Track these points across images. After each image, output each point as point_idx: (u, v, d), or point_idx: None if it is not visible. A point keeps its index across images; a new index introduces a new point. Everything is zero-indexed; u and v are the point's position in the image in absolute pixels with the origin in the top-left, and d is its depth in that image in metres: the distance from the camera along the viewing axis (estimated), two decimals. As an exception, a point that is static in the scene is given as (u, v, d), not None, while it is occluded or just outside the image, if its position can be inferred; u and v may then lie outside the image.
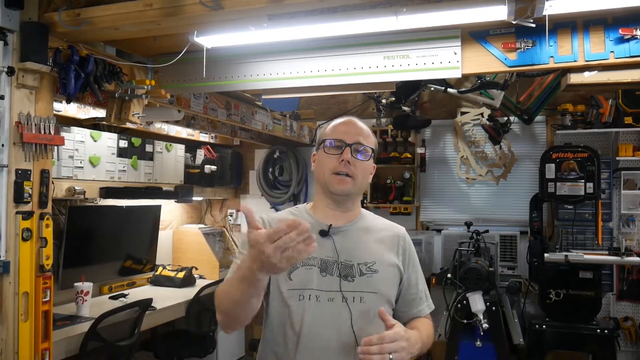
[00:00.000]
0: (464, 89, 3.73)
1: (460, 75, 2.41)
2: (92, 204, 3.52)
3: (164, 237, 4.46)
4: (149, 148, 3.74)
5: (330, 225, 1.47)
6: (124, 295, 3.59)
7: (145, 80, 2.75)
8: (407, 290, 1.52)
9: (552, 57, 2.27)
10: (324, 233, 1.46)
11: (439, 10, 2.08)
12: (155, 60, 2.84)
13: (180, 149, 4.14)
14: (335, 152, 1.45)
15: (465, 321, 3.38)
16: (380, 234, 1.53)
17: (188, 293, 3.81)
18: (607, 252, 3.62)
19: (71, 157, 3.08)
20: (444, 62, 2.39)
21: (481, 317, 3.24)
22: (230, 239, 5.10)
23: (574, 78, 2.45)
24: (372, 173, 1.54)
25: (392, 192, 4.39)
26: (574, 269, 3.51)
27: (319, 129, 4.77)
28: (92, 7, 2.24)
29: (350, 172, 1.43)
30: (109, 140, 3.38)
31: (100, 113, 3.15)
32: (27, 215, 2.29)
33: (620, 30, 2.16)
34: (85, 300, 3.16)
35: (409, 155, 4.37)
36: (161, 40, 2.52)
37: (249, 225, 1.15)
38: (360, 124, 1.52)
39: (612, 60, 2.20)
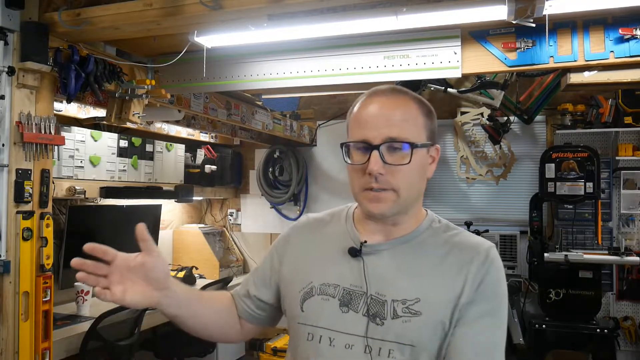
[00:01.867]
0: (464, 89, 3.73)
1: (460, 75, 2.41)
2: (92, 203, 3.52)
3: (164, 236, 4.46)
4: (149, 148, 3.74)
5: (364, 242, 1.06)
6: (124, 295, 3.59)
7: (146, 80, 2.75)
8: (457, 346, 0.97)
9: (552, 56, 2.27)
10: (354, 252, 1.06)
11: (439, 10, 2.08)
12: (156, 60, 2.84)
13: (180, 148, 4.14)
14: (359, 159, 1.02)
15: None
16: (443, 256, 1.03)
17: (188, 293, 3.80)
18: (606, 252, 3.63)
19: (71, 156, 3.08)
20: (444, 62, 2.39)
21: (481, 317, 3.24)
22: (231, 239, 5.10)
23: (574, 78, 2.45)
24: (434, 162, 1.10)
25: (392, 191, 4.39)
26: (573, 268, 3.51)
27: (321, 127, 4.78)
28: (92, 7, 2.24)
29: (385, 186, 1.00)
30: (109, 140, 3.38)
31: (101, 113, 3.15)
32: (28, 214, 2.29)
33: (620, 30, 2.16)
34: (86, 300, 3.16)
35: (409, 155, 4.36)
36: (161, 40, 2.52)
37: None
38: (395, 99, 1.04)
39: (612, 60, 2.20)
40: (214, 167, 4.48)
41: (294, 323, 1.08)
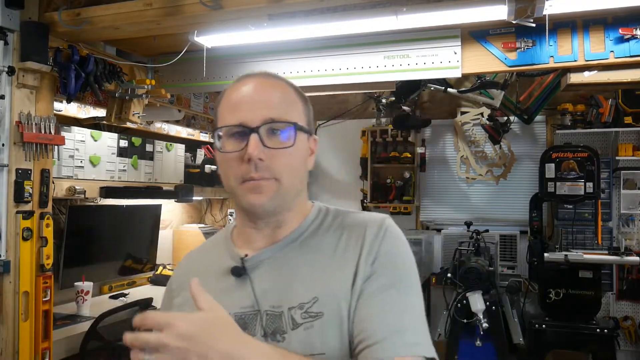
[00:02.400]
0: (464, 89, 3.73)
1: (460, 75, 2.41)
2: (92, 203, 3.52)
3: (164, 236, 4.45)
4: (149, 148, 3.74)
5: (245, 255, 0.93)
6: (124, 295, 3.59)
7: (146, 80, 2.75)
8: (352, 323, 0.85)
9: (552, 56, 2.27)
10: (237, 271, 0.92)
11: (439, 10, 2.09)
12: (155, 60, 2.84)
13: (180, 148, 4.14)
14: (235, 146, 0.89)
15: (465, 321, 3.38)
16: (336, 243, 0.92)
17: (188, 293, 3.80)
18: (606, 252, 3.62)
19: (71, 156, 3.08)
20: (444, 62, 2.39)
21: (481, 317, 3.24)
22: (230, 239, 5.10)
23: (574, 78, 2.45)
24: (313, 155, 0.97)
25: (392, 191, 4.39)
26: (573, 268, 3.51)
27: (321, 127, 4.78)
28: (92, 7, 2.25)
29: (266, 174, 0.87)
30: (109, 140, 3.37)
31: (101, 113, 3.15)
32: (28, 214, 2.29)
33: (620, 30, 2.16)
34: (86, 300, 3.16)
35: (409, 155, 4.37)
36: (161, 39, 2.52)
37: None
38: (271, 81, 0.95)
39: (612, 59, 2.21)
40: (214, 167, 4.48)
41: None
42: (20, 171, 2.26)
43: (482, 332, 3.29)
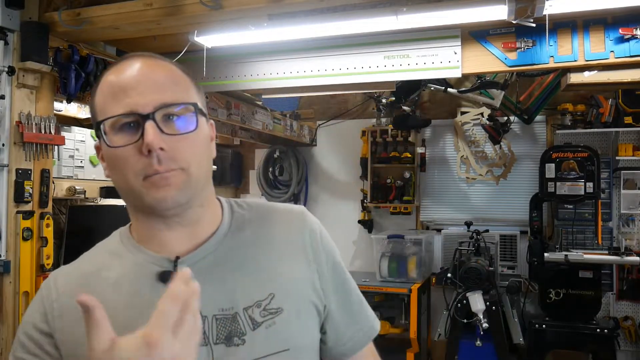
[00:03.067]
0: (464, 89, 3.73)
1: (460, 75, 2.41)
2: (92, 203, 3.52)
3: (164, 236, 4.46)
4: (149, 148, 3.74)
5: (177, 258, 0.82)
6: (124, 295, 3.59)
7: (146, 80, 2.75)
8: (340, 315, 0.90)
9: (552, 56, 2.27)
10: (166, 277, 0.78)
11: (439, 9, 2.09)
12: (156, 60, 2.84)
13: (180, 148, 4.14)
14: (126, 138, 0.76)
15: (465, 321, 3.38)
16: (268, 235, 0.89)
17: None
18: (607, 252, 3.62)
19: (71, 156, 3.08)
20: (444, 62, 2.39)
21: (481, 317, 3.24)
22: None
23: (574, 78, 2.45)
24: (213, 141, 0.88)
25: (392, 191, 4.39)
26: (573, 268, 3.51)
27: (321, 127, 4.78)
28: (93, 7, 2.25)
29: (171, 165, 0.76)
30: (109, 140, 3.38)
31: (101, 113, 3.15)
32: (28, 214, 2.29)
33: (620, 30, 2.16)
34: (86, 300, 3.16)
35: (409, 155, 4.37)
36: (161, 39, 2.52)
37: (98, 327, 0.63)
38: (155, 62, 0.82)
39: (612, 59, 2.21)
40: (214, 167, 4.46)
41: None
42: (20, 171, 2.26)
43: (482, 332, 3.29)
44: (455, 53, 2.37)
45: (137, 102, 0.76)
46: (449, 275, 3.47)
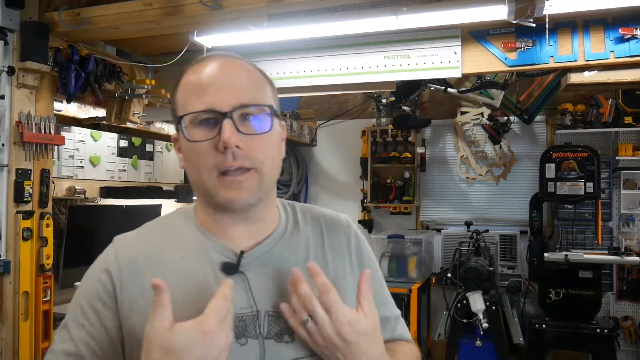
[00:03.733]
0: (464, 89, 3.73)
1: (460, 75, 2.41)
2: (92, 203, 3.51)
3: (164, 236, 4.46)
4: (149, 148, 3.74)
5: (242, 252, 0.85)
6: (124, 295, 3.59)
7: (146, 80, 2.75)
8: None
9: (552, 56, 2.27)
10: (230, 268, 0.83)
11: (439, 9, 2.09)
12: (156, 60, 2.84)
13: (180, 148, 4.14)
14: (204, 134, 0.80)
15: (465, 321, 3.38)
16: (319, 238, 0.93)
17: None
18: (607, 252, 3.62)
19: (71, 156, 3.08)
20: (444, 62, 2.39)
21: (481, 317, 3.24)
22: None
23: (574, 78, 2.45)
24: (284, 142, 0.90)
25: (392, 191, 4.39)
26: (573, 268, 3.51)
27: (321, 127, 4.78)
28: (93, 7, 2.25)
29: (245, 163, 0.80)
30: (109, 140, 3.38)
31: (101, 113, 3.15)
32: (28, 214, 2.29)
33: (620, 30, 2.16)
34: (86, 300, 3.16)
35: (409, 155, 4.37)
36: (161, 39, 2.52)
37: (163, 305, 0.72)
38: (236, 63, 0.85)
39: (612, 59, 2.21)
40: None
41: None
42: (20, 171, 2.26)
43: (482, 332, 3.29)
44: (455, 53, 2.37)
45: (216, 100, 0.79)
46: (449, 275, 3.47)
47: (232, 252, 0.85)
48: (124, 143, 3.48)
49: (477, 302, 3.29)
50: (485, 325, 3.22)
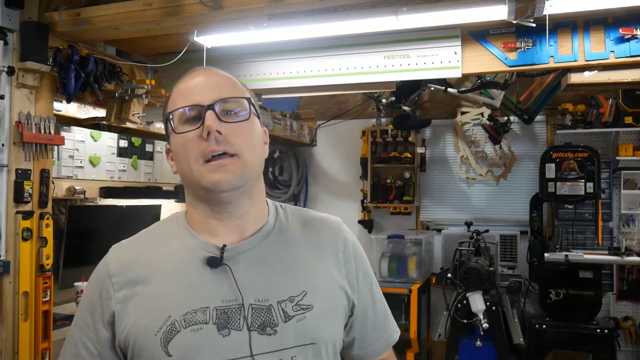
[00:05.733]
0: (464, 89, 3.73)
1: (460, 75, 2.41)
2: (92, 203, 3.51)
3: (164, 236, 4.46)
4: (149, 148, 3.74)
5: (224, 246, 0.91)
6: (124, 295, 3.59)
7: (146, 80, 2.75)
8: (363, 321, 1.01)
9: (552, 56, 2.27)
10: (214, 262, 0.89)
11: (439, 9, 2.09)
12: (155, 60, 2.84)
13: (180, 148, 4.14)
14: (191, 125, 0.90)
15: (465, 321, 3.37)
16: (307, 239, 0.98)
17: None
18: (607, 252, 3.62)
19: (71, 156, 3.08)
20: (444, 62, 2.39)
21: (481, 317, 3.24)
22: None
23: (574, 78, 2.45)
24: (267, 144, 0.99)
25: (392, 191, 4.39)
26: (574, 268, 3.50)
27: (321, 127, 4.78)
28: (92, 7, 2.24)
29: (227, 148, 0.88)
30: (109, 140, 3.37)
31: (101, 113, 3.15)
32: (27, 215, 2.29)
33: (620, 30, 2.16)
34: (86, 300, 3.16)
35: (409, 155, 4.36)
36: (161, 39, 2.52)
37: None
38: (218, 71, 0.99)
39: (612, 60, 2.21)
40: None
41: None
42: (20, 171, 2.26)
43: (482, 333, 3.29)
44: (455, 53, 2.37)
45: (200, 98, 0.91)
46: (449, 275, 3.46)
47: (216, 247, 0.91)
48: (123, 143, 3.48)
49: (477, 302, 3.29)
50: (485, 325, 3.22)
